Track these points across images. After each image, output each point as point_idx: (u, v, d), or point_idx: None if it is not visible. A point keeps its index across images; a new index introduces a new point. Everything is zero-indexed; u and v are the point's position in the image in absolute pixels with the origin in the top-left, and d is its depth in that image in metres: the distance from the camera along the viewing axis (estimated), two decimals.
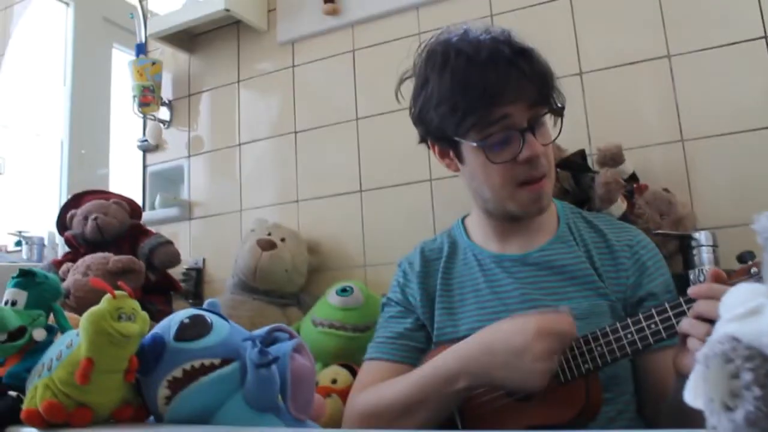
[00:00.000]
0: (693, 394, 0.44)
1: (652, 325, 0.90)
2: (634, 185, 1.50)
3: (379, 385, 1.10)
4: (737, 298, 0.45)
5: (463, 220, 1.30)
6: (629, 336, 0.92)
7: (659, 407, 1.05)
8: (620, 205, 1.42)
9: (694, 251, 1.39)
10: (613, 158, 1.47)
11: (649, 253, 1.16)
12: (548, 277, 1.14)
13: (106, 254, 1.62)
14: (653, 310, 0.91)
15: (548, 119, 1.11)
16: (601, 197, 1.41)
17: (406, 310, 1.22)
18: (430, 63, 1.11)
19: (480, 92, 1.04)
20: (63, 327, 0.88)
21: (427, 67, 1.12)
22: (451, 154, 1.16)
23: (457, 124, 1.08)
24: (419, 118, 1.16)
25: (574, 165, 1.49)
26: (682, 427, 0.90)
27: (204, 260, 2.16)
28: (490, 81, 1.03)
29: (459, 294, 1.19)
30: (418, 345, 1.18)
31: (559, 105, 1.11)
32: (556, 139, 1.11)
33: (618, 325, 0.93)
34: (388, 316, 1.24)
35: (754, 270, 0.88)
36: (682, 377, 0.89)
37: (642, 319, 0.91)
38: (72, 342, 0.77)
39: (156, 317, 0.85)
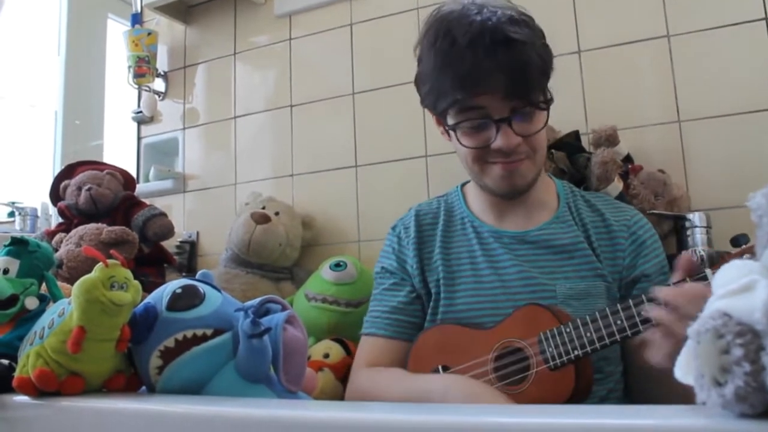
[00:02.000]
0: (684, 370, 0.45)
1: (642, 312, 0.90)
2: (629, 166, 1.50)
3: (377, 379, 1.12)
4: (730, 275, 0.45)
5: (462, 186, 1.30)
6: (619, 322, 0.92)
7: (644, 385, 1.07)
8: (617, 185, 1.42)
9: (688, 232, 1.39)
10: (608, 139, 1.47)
11: (646, 233, 1.16)
12: (546, 256, 1.14)
13: (100, 225, 1.61)
14: (644, 297, 0.90)
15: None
16: (599, 176, 1.41)
17: (400, 281, 1.22)
18: (426, 39, 1.12)
19: (453, 79, 1.05)
20: (55, 295, 0.88)
21: (423, 42, 1.13)
22: (442, 125, 1.18)
23: (434, 105, 1.12)
24: (417, 89, 1.18)
25: (568, 146, 1.49)
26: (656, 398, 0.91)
27: (198, 234, 2.16)
28: (464, 69, 1.04)
29: (456, 265, 1.19)
30: (412, 319, 1.19)
31: (542, 100, 1.08)
32: (542, 128, 1.10)
33: (608, 310, 0.93)
34: (382, 288, 1.24)
35: (746, 257, 0.89)
36: None
37: (632, 305, 0.91)
38: (64, 310, 0.77)
39: (149, 289, 0.85)
